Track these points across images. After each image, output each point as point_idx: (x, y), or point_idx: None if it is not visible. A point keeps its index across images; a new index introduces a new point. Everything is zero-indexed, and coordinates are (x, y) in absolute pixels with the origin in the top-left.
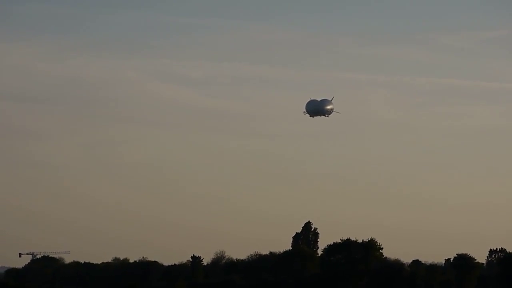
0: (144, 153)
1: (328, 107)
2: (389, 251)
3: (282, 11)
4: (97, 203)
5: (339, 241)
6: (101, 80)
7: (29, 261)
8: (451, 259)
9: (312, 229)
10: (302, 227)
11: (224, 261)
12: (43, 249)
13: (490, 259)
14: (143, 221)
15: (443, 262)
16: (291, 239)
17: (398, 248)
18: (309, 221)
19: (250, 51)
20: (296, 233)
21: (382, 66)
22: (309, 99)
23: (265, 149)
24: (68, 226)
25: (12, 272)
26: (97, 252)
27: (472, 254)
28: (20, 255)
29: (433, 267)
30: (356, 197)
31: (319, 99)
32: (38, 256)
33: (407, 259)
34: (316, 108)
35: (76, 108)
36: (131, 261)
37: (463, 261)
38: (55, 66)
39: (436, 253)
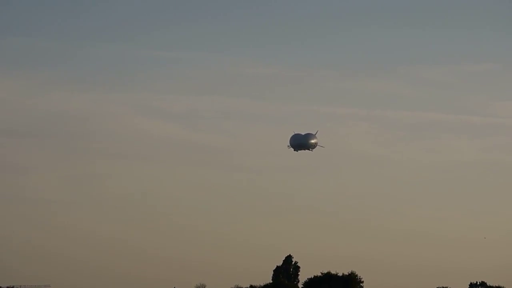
0: (128, 186)
1: (312, 141)
2: (370, 285)
3: (262, 44)
4: (79, 236)
5: (320, 274)
6: (85, 114)
7: None
8: None
9: (293, 262)
10: (283, 260)
11: None
12: (23, 282)
13: None
14: (125, 253)
15: None
16: (272, 272)
17: (378, 281)
18: (290, 254)
19: (230, 84)
20: (277, 266)
21: (363, 100)
22: (293, 133)
23: (247, 183)
24: (49, 258)
25: None
26: (78, 285)
27: (452, 287)
28: None
29: None
30: (337, 231)
31: (303, 133)
32: None
33: None
34: (300, 142)
35: (60, 142)
36: None
37: None
38: (37, 100)
39: (417, 286)
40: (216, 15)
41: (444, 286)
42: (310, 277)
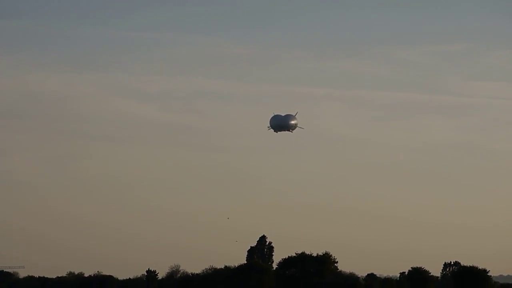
0: (101, 167)
1: (293, 122)
2: (344, 265)
3: (237, 25)
4: (52, 217)
5: (294, 255)
6: (59, 96)
7: None
8: (406, 273)
9: (267, 243)
10: (257, 241)
11: (179, 275)
12: None
13: (444, 272)
14: (98, 234)
15: (398, 275)
16: (246, 253)
17: (352, 262)
18: (264, 235)
19: (205, 65)
20: (251, 247)
21: (338, 80)
22: (273, 114)
23: (220, 164)
24: (23, 239)
25: None
26: (52, 266)
27: (426, 267)
28: None
29: (388, 281)
30: (311, 212)
31: (283, 114)
32: None
33: (362, 273)
34: (281, 123)
35: (36, 123)
36: (86, 275)
37: (417, 275)
38: (13, 81)
39: (391, 266)
40: None
41: (419, 266)
42: (284, 257)
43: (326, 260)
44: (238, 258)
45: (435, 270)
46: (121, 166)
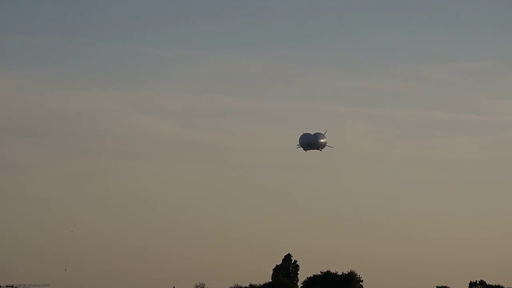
0: (127, 184)
1: (322, 140)
2: (369, 283)
3: (261, 42)
4: (78, 234)
5: (319, 273)
6: (82, 112)
7: None
8: None
9: (292, 261)
10: (282, 259)
11: None
12: (22, 281)
13: None
14: (124, 252)
15: None
16: (271, 271)
17: (378, 280)
18: (289, 253)
19: (229, 82)
20: (276, 265)
21: (362, 98)
22: (302, 133)
23: (246, 181)
24: (48, 257)
25: None
26: (77, 284)
27: (452, 286)
28: None
29: None
30: (336, 230)
31: (312, 133)
32: None
33: None
34: (310, 142)
35: (59, 140)
36: None
37: None
38: (35, 98)
39: (416, 285)
40: (214, 13)
41: (444, 285)
42: (309, 276)
43: (351, 279)
44: (264, 276)
45: None
46: (145, 184)
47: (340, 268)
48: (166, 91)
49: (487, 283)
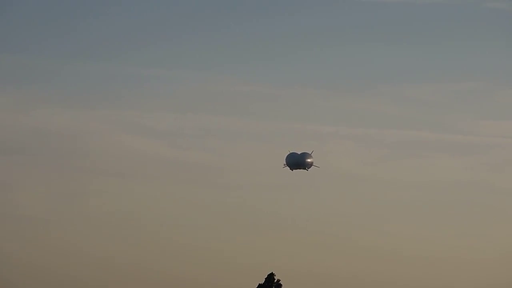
0: (114, 204)
1: (309, 160)
2: None
3: (245, 61)
4: (66, 253)
5: None
6: (67, 131)
7: None
8: None
9: (275, 280)
10: (265, 279)
11: None
12: None
13: None
14: (111, 270)
15: None
16: None
17: None
18: (272, 272)
19: (214, 102)
20: (259, 284)
21: (346, 118)
22: (288, 152)
23: (230, 200)
24: (36, 275)
25: None
26: None
27: None
28: None
29: None
30: (320, 249)
31: (298, 152)
32: None
33: None
34: (297, 161)
35: (42, 159)
36: None
37: None
38: (22, 117)
39: None
40: (199, 32)
41: None
42: None
43: None
44: None
45: None
46: (131, 203)
47: None
48: (151, 110)
49: None
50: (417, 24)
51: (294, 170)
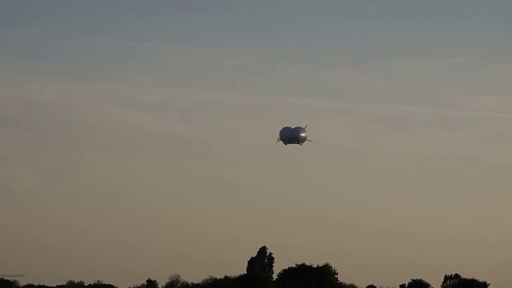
0: (101, 176)
1: (303, 134)
2: (344, 276)
3: (237, 36)
4: (52, 225)
5: (294, 265)
6: (58, 105)
7: None
8: (406, 285)
9: (268, 253)
10: (258, 252)
11: (179, 285)
12: None
13: (445, 285)
14: (98, 243)
15: (398, 287)
16: (246, 264)
17: (353, 273)
18: (264, 245)
19: (205, 76)
20: (251, 257)
21: (337, 93)
22: (282, 126)
23: (222, 174)
24: (23, 248)
25: None
26: (52, 274)
27: (427, 279)
28: None
29: None
30: (310, 223)
31: (292, 127)
32: None
33: (362, 284)
34: (291, 136)
35: (34, 132)
36: (86, 284)
37: (418, 286)
38: (10, 90)
39: (391, 278)
40: (191, 7)
41: (419, 278)
42: (284, 268)
43: (326, 271)
44: (239, 268)
45: (436, 283)
46: (121, 176)
47: (315, 261)
48: (142, 84)
49: (462, 276)
50: (408, 0)
51: (288, 145)
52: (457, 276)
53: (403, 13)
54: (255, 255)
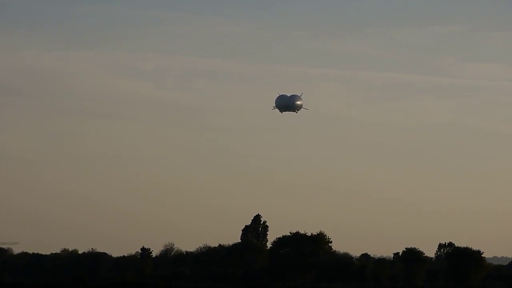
0: (96, 144)
1: (298, 102)
2: (338, 245)
3: (234, 4)
4: (47, 194)
5: (288, 234)
6: (54, 72)
7: None
8: (400, 253)
9: (262, 222)
10: (252, 220)
11: (173, 253)
12: None
13: (438, 253)
14: (93, 211)
15: (392, 256)
16: (240, 232)
17: (347, 242)
18: (258, 214)
19: (201, 44)
20: (246, 225)
21: (333, 60)
22: (278, 94)
23: (216, 142)
24: (17, 216)
25: None
26: (46, 242)
27: (421, 248)
28: None
29: (381, 261)
30: (305, 191)
31: (288, 95)
32: None
33: (356, 253)
34: (287, 104)
35: (30, 99)
36: (80, 252)
37: (411, 255)
38: (6, 57)
39: (385, 247)
40: None
41: (413, 247)
42: (278, 236)
43: (320, 240)
44: (233, 237)
45: (429, 251)
46: (117, 144)
47: (309, 229)
48: (138, 51)
49: (455, 245)
50: None
51: (283, 113)
52: (451, 244)
53: None
54: (249, 223)
